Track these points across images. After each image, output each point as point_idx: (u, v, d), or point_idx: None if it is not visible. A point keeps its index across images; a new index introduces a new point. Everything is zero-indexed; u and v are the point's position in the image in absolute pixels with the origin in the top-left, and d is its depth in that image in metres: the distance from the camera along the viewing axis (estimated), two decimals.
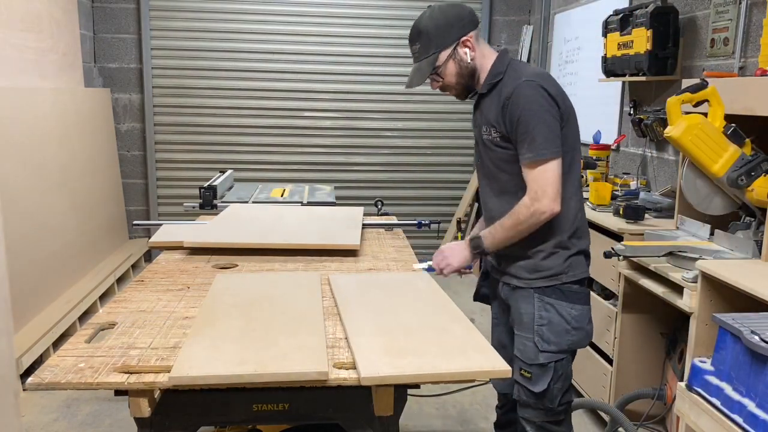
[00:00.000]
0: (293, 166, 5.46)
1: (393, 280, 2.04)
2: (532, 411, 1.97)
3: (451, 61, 1.91)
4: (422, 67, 1.93)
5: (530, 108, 1.80)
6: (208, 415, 1.53)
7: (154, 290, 1.92)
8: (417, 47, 1.93)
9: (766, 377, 1.34)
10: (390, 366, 1.39)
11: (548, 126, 1.81)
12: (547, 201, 1.80)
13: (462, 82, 1.95)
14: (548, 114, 1.81)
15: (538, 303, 1.92)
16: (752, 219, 2.28)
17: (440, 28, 1.89)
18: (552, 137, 1.81)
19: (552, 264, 1.91)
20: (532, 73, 1.86)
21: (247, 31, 5.27)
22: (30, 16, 3.97)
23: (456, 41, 1.90)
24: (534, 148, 1.80)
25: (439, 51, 1.90)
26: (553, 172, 1.81)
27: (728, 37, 2.83)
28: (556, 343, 1.91)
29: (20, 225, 3.49)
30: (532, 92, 1.81)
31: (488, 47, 1.98)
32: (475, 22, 1.95)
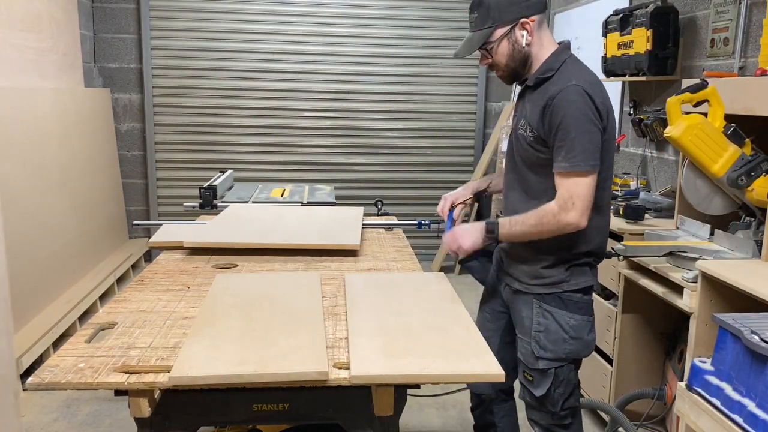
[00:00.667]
0: (293, 166, 5.46)
1: (407, 281, 2.04)
2: (538, 413, 1.96)
3: (505, 40, 1.81)
4: (473, 39, 1.84)
5: (573, 114, 1.71)
6: (208, 415, 1.53)
7: (154, 290, 1.92)
8: (474, 16, 1.83)
9: (766, 377, 1.34)
10: (383, 366, 1.39)
11: (590, 137, 1.72)
12: (575, 214, 1.73)
13: (512, 66, 1.85)
14: (591, 124, 1.72)
15: (537, 309, 1.89)
16: (752, 219, 2.28)
17: (502, 2, 1.79)
18: (591, 149, 1.72)
19: (554, 272, 1.87)
20: (583, 79, 1.77)
21: (247, 31, 5.27)
22: (30, 16, 3.97)
23: (515, 20, 1.79)
24: (571, 158, 1.71)
25: (495, 26, 1.80)
26: (587, 186, 1.73)
27: (728, 37, 2.83)
28: (552, 351, 1.88)
29: (20, 225, 3.49)
30: (577, 98, 1.72)
31: (550, 37, 1.88)
32: (543, 6, 1.84)
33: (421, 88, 5.48)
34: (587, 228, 1.78)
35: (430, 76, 5.46)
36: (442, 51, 5.42)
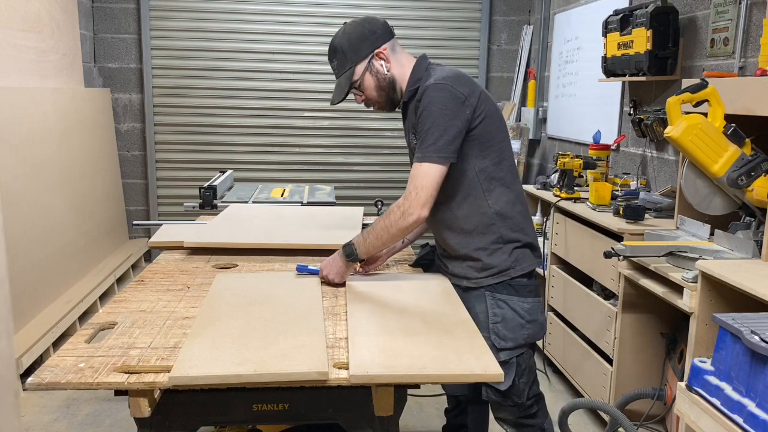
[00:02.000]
0: (293, 166, 5.46)
1: (407, 281, 2.04)
2: (504, 410, 1.98)
3: (367, 74, 1.93)
4: (341, 83, 1.95)
5: (430, 110, 1.81)
6: (208, 415, 1.53)
7: (154, 290, 1.92)
8: (335, 64, 1.97)
9: (766, 377, 1.34)
10: (382, 366, 1.39)
11: (443, 129, 1.80)
12: (417, 203, 1.81)
13: (384, 95, 1.97)
14: (447, 118, 1.80)
15: (491, 301, 1.93)
16: (752, 219, 2.28)
17: (353, 43, 1.93)
18: (443, 143, 1.80)
19: (498, 261, 1.92)
20: (442, 76, 1.86)
21: (247, 31, 5.27)
22: (30, 16, 3.97)
23: (370, 54, 1.93)
24: (423, 148, 1.81)
25: (354, 65, 1.93)
26: (433, 178, 1.81)
27: (728, 37, 2.83)
28: (512, 339, 1.91)
29: (20, 225, 3.49)
30: (437, 94, 1.82)
31: (407, 56, 2.00)
32: (389, 33, 1.98)
33: None
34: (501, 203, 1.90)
35: None
36: (442, 51, 5.42)
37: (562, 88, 4.68)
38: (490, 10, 5.46)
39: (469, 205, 1.92)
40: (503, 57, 5.56)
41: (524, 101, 5.28)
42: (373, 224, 1.93)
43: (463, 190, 1.91)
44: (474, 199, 1.91)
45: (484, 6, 5.44)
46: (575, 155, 3.49)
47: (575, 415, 2.96)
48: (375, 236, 1.90)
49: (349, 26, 1.96)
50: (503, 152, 1.93)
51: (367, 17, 1.99)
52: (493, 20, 5.50)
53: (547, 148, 5.00)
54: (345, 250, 1.94)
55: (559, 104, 4.74)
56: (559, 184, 3.39)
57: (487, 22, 5.45)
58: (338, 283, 1.97)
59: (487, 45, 5.50)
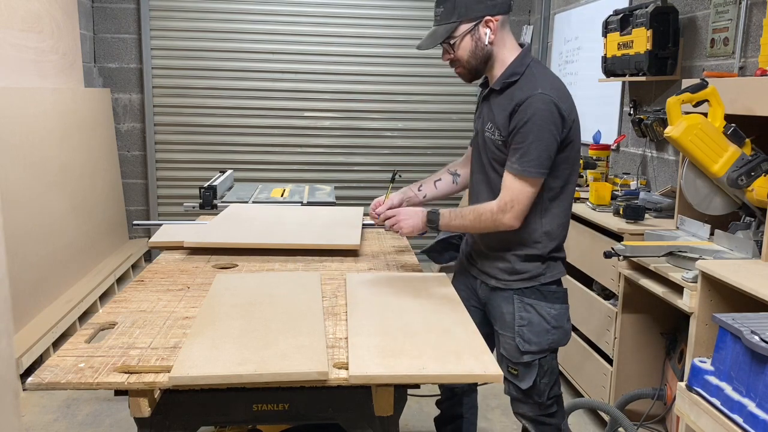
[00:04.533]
0: (293, 166, 5.46)
1: (407, 281, 2.04)
2: (524, 406, 2.00)
3: (468, 36, 1.84)
4: (438, 32, 1.86)
5: (535, 122, 1.76)
6: (208, 415, 1.53)
7: (154, 290, 1.92)
8: (440, 10, 1.86)
9: (766, 377, 1.34)
10: (380, 366, 1.39)
11: (546, 146, 1.78)
12: (512, 216, 1.82)
13: (473, 63, 1.88)
14: (550, 134, 1.78)
15: (518, 304, 1.94)
16: (752, 219, 2.28)
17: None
18: (544, 158, 1.79)
19: (531, 267, 1.94)
20: (549, 86, 1.82)
21: (247, 31, 5.27)
22: (30, 16, 3.97)
23: (480, 18, 1.83)
24: (524, 162, 1.78)
25: (460, 21, 1.83)
26: (530, 192, 1.82)
27: (728, 37, 2.83)
28: (537, 343, 1.92)
29: (20, 225, 3.49)
30: (543, 107, 1.77)
31: (512, 39, 1.92)
32: (508, 7, 1.88)
33: (421, 88, 5.48)
34: (553, 225, 1.91)
35: (430, 76, 5.46)
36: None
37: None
38: None
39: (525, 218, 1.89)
40: None
41: None
42: (464, 211, 1.91)
43: None
44: (530, 215, 1.88)
45: None
46: None
47: (575, 415, 2.96)
48: (460, 223, 1.92)
49: None
50: (572, 176, 1.92)
51: None
52: None
53: None
54: (429, 215, 1.95)
55: None
56: None
57: None
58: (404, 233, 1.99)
59: None
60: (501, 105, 1.87)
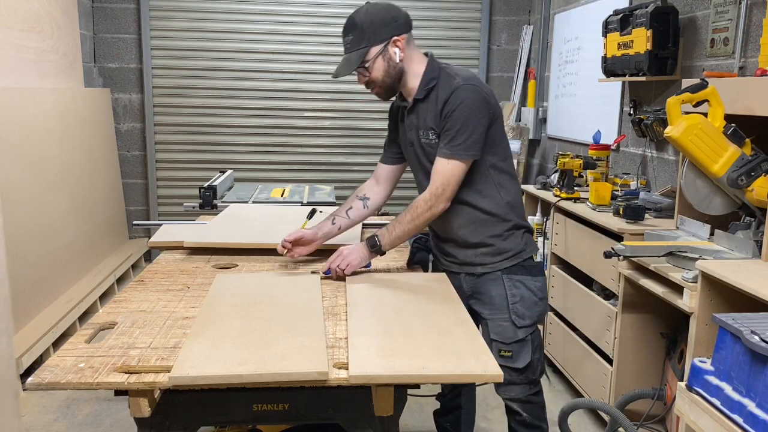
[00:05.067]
0: (293, 166, 5.46)
1: (407, 281, 2.04)
2: (516, 388, 2.05)
3: (380, 57, 1.96)
4: (351, 59, 1.97)
5: (462, 109, 1.90)
6: (208, 415, 1.53)
7: (154, 290, 1.92)
8: (349, 38, 1.98)
9: (766, 377, 1.34)
10: (381, 366, 1.39)
11: (473, 129, 1.92)
12: (445, 199, 1.96)
13: (388, 82, 2.00)
14: (477, 119, 1.92)
15: (508, 282, 2.04)
16: (752, 219, 2.28)
17: (375, 23, 1.95)
18: (472, 142, 1.92)
19: (512, 245, 2.06)
20: (467, 77, 1.97)
21: (247, 31, 5.27)
22: (30, 16, 3.97)
23: (388, 39, 1.96)
24: (453, 146, 1.92)
25: (370, 45, 1.95)
26: (460, 174, 1.95)
27: (728, 37, 2.83)
28: (529, 316, 2.03)
29: (20, 225, 3.49)
30: (468, 95, 1.91)
31: (418, 53, 2.05)
32: (410, 25, 2.02)
33: None
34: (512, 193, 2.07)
35: None
36: (442, 51, 5.41)
37: (562, 88, 4.68)
38: (490, 10, 5.46)
39: (485, 197, 2.03)
40: (503, 57, 5.56)
41: (524, 101, 5.28)
42: (397, 219, 2.02)
43: (479, 183, 2.02)
44: (489, 192, 2.03)
45: (484, 6, 5.44)
46: (575, 155, 3.49)
47: (575, 415, 2.96)
48: (401, 229, 2.01)
49: (372, 6, 1.99)
50: (507, 149, 2.08)
51: (391, 3, 2.02)
52: (493, 20, 5.50)
53: (547, 148, 5.00)
54: (369, 242, 2.03)
55: (559, 104, 4.74)
56: (559, 184, 3.39)
57: (487, 22, 5.45)
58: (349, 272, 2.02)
59: (487, 45, 5.50)
60: (428, 109, 2.00)
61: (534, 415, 2.11)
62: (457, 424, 2.37)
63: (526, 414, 2.09)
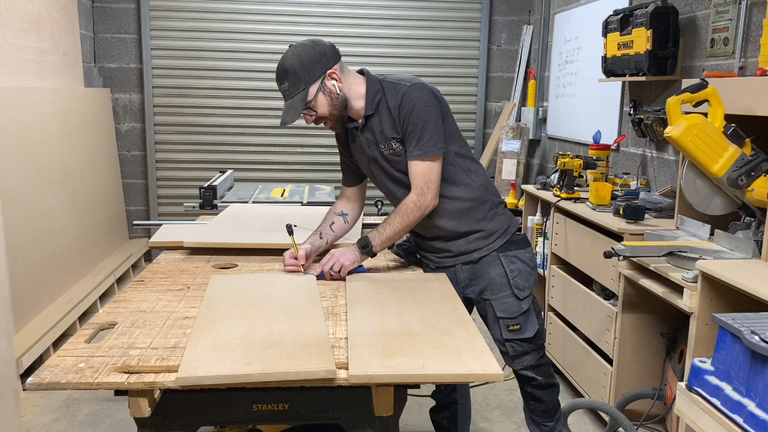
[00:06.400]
0: (293, 166, 5.46)
1: (407, 281, 2.04)
2: (529, 357, 2.16)
3: (321, 93, 2.00)
4: (294, 104, 2.02)
5: (418, 108, 1.97)
6: (208, 415, 1.53)
7: (154, 290, 1.92)
8: (286, 85, 2.02)
9: (766, 377, 1.34)
10: (381, 366, 1.39)
11: (434, 125, 2.00)
12: (431, 196, 2.02)
13: (336, 113, 2.05)
14: (434, 113, 2.00)
15: (505, 260, 2.13)
16: (752, 219, 2.28)
17: (305, 64, 1.98)
18: (437, 136, 2.00)
19: (498, 224, 2.15)
20: (409, 79, 2.04)
21: (247, 31, 5.28)
22: (30, 16, 3.97)
23: (322, 75, 2.00)
24: (422, 145, 1.99)
25: (308, 86, 1.99)
26: (437, 170, 2.02)
27: (728, 37, 2.83)
28: (528, 287, 2.14)
29: (20, 225, 3.49)
30: (418, 94, 1.98)
31: (353, 75, 2.09)
32: (338, 55, 2.06)
33: None
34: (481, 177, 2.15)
35: (430, 76, 5.45)
36: (442, 51, 5.42)
37: (562, 88, 4.68)
38: (490, 10, 5.46)
39: (458, 186, 2.11)
40: (503, 57, 5.56)
41: (524, 101, 5.28)
42: (387, 221, 2.07)
43: (450, 174, 2.09)
44: (461, 179, 2.12)
45: (484, 6, 5.44)
46: (575, 155, 3.49)
47: (575, 415, 2.96)
48: (392, 230, 2.05)
49: (298, 48, 2.02)
50: (462, 137, 2.17)
51: (313, 40, 2.06)
52: (493, 20, 5.50)
53: (547, 148, 5.00)
54: (360, 243, 2.07)
55: (559, 104, 4.74)
56: (559, 184, 3.39)
57: (487, 22, 5.45)
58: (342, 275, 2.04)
59: (487, 45, 5.50)
60: (382, 121, 2.04)
61: (546, 375, 2.22)
62: (453, 420, 2.40)
63: (540, 377, 2.20)
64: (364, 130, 2.09)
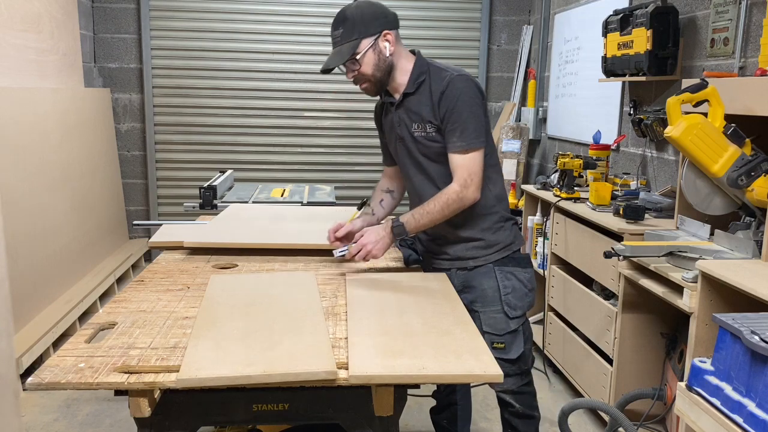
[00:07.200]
0: (293, 166, 5.46)
1: (407, 281, 2.04)
2: (510, 380, 2.08)
3: (371, 50, 1.98)
4: (342, 50, 1.98)
5: (464, 99, 1.95)
6: (208, 415, 1.53)
7: (154, 290, 1.92)
8: (339, 32, 1.99)
9: (766, 377, 1.34)
10: (381, 366, 1.39)
11: (478, 118, 1.97)
12: (474, 189, 1.98)
13: (378, 76, 2.02)
14: (479, 106, 1.98)
15: (500, 274, 2.08)
16: (752, 219, 2.28)
17: (366, 17, 1.98)
18: (480, 129, 1.97)
19: (502, 237, 2.10)
20: (457, 69, 2.01)
21: (247, 31, 5.28)
22: (30, 16, 3.97)
23: (379, 33, 1.98)
24: (466, 137, 1.95)
25: (361, 38, 1.97)
26: (479, 163, 1.99)
27: (728, 37, 2.83)
28: (521, 307, 2.08)
29: (20, 225, 3.49)
30: (465, 85, 1.96)
31: (406, 51, 2.08)
32: (398, 23, 2.05)
33: None
34: (498, 187, 2.10)
35: None
36: (442, 51, 5.42)
37: (562, 88, 4.68)
38: (490, 10, 5.46)
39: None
40: (503, 57, 5.56)
41: (524, 101, 5.28)
42: (425, 208, 2.00)
43: None
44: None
45: (484, 6, 5.44)
46: (575, 155, 3.49)
47: (575, 415, 2.96)
48: (429, 219, 1.99)
49: (362, 2, 2.01)
50: (492, 142, 2.10)
51: (379, 1, 2.05)
52: (493, 20, 5.50)
53: (547, 148, 5.00)
54: (394, 229, 2.02)
55: (559, 104, 4.74)
56: (559, 184, 3.39)
57: (487, 22, 5.45)
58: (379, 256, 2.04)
59: (487, 45, 5.50)
60: (420, 102, 2.02)
61: (526, 405, 2.15)
62: (453, 420, 2.39)
63: (519, 405, 2.13)
64: (399, 108, 2.07)
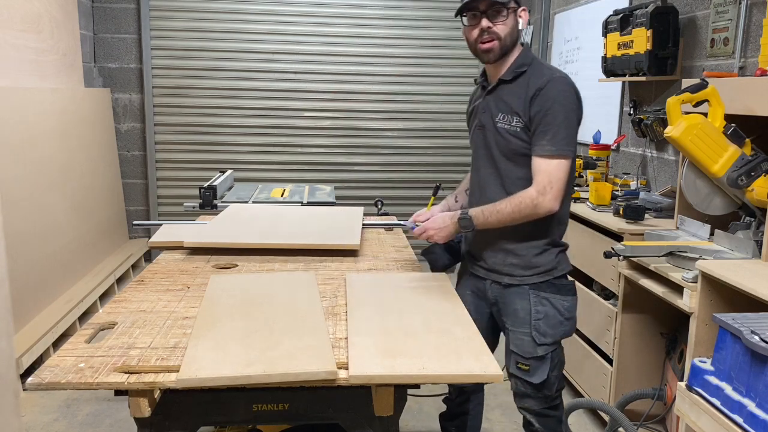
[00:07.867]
0: (293, 166, 5.46)
1: (407, 281, 2.04)
2: (531, 400, 2.03)
3: (514, 14, 1.93)
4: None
5: (562, 103, 1.83)
6: (208, 415, 1.53)
7: (154, 290, 1.92)
8: None
9: (766, 377, 1.34)
10: (381, 366, 1.39)
11: (573, 125, 1.86)
12: (552, 198, 1.83)
13: (507, 42, 1.93)
14: (575, 114, 1.87)
15: (534, 298, 1.97)
16: (752, 219, 2.28)
17: None
18: (573, 137, 1.86)
19: (544, 261, 1.97)
20: (560, 71, 1.92)
21: (247, 31, 5.27)
22: (30, 16, 3.97)
23: (521, 6, 1.96)
24: (556, 141, 1.83)
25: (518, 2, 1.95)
26: (565, 171, 1.85)
27: (728, 37, 2.83)
28: (552, 335, 1.97)
29: (20, 225, 3.49)
30: (566, 88, 1.85)
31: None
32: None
33: (421, 88, 5.48)
34: (560, 213, 1.91)
35: (430, 76, 5.46)
36: (442, 51, 5.42)
37: None
38: None
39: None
40: None
41: None
42: (499, 206, 1.89)
43: None
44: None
45: None
46: None
47: (575, 415, 2.96)
48: (498, 218, 1.89)
49: None
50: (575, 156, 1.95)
51: None
52: None
53: None
54: (461, 222, 1.93)
55: None
56: None
57: None
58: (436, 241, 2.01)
59: None
60: (515, 93, 1.92)
61: (548, 428, 2.06)
62: (463, 428, 2.33)
63: (540, 426, 2.06)
64: (490, 94, 1.99)
